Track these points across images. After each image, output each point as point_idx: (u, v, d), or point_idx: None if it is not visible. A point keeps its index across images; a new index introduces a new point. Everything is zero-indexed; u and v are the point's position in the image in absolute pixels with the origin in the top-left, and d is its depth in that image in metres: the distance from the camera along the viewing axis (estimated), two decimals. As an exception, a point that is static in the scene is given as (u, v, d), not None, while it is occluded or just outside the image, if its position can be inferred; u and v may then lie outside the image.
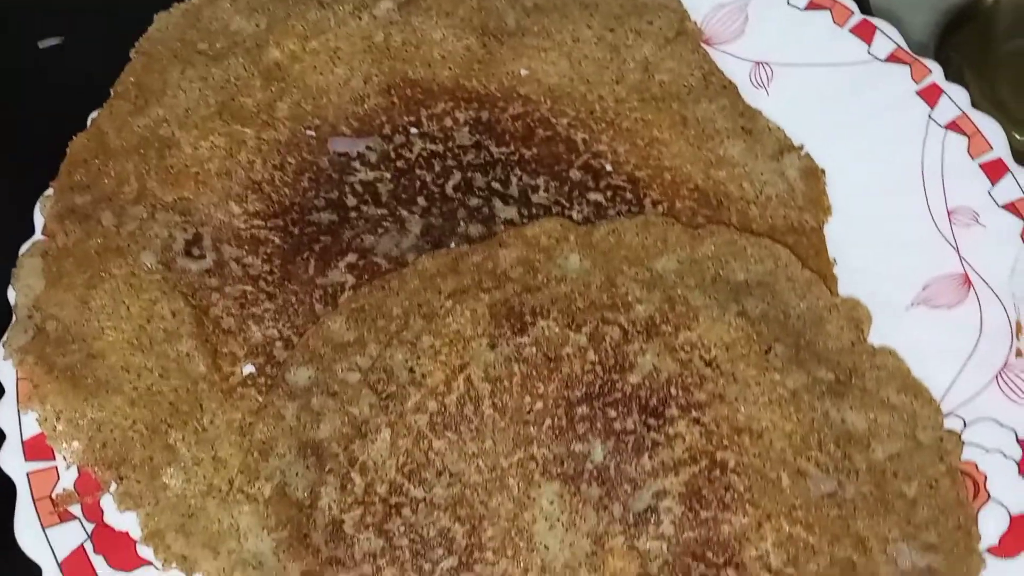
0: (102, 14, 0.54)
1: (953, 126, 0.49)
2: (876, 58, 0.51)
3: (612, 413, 0.41)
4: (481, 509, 0.39)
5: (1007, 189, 0.47)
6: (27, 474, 0.37)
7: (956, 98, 0.49)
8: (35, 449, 0.38)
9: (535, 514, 0.39)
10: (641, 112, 0.51)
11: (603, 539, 0.38)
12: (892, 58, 0.51)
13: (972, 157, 0.48)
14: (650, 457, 0.40)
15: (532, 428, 0.41)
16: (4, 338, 0.39)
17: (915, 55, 0.51)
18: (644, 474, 0.40)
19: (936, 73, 0.50)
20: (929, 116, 0.49)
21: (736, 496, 0.39)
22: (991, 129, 0.48)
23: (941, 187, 0.48)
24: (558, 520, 0.39)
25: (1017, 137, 0.53)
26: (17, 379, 0.39)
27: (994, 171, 0.47)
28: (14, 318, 0.40)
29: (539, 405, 0.41)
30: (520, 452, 0.40)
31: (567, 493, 0.39)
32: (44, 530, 0.36)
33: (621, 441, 0.41)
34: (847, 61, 0.51)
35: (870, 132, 0.50)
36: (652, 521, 0.39)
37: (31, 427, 0.38)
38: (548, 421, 0.41)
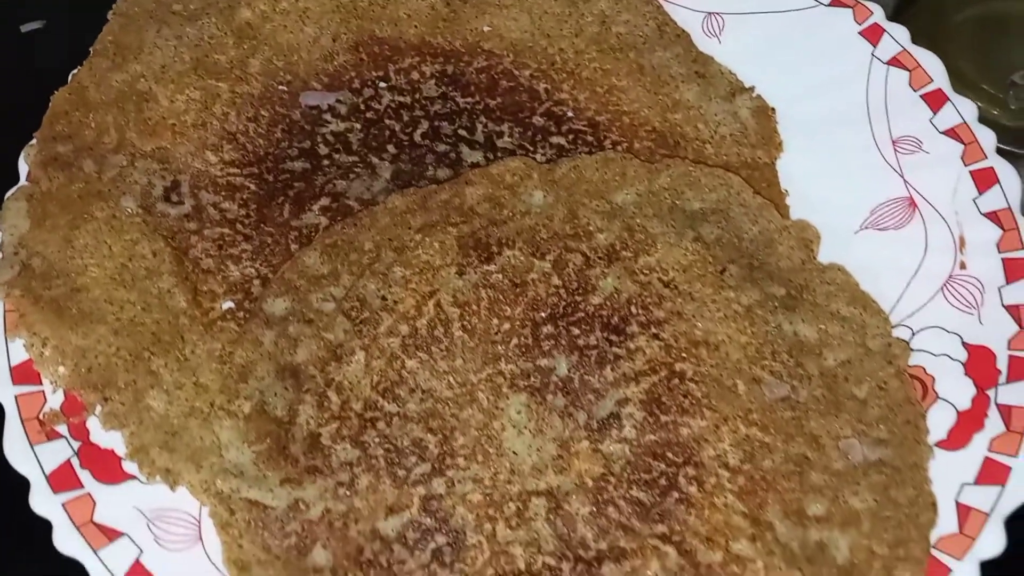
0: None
1: (895, 62, 0.51)
2: (820, 3, 0.54)
3: (576, 331, 0.43)
4: (452, 421, 0.41)
5: (947, 117, 0.49)
6: (15, 396, 0.39)
7: (897, 36, 0.52)
8: (22, 374, 0.39)
9: (503, 423, 0.41)
10: (600, 62, 0.53)
11: (568, 443, 0.40)
12: (836, 2, 0.53)
13: (914, 89, 0.51)
14: (612, 369, 0.42)
15: (500, 347, 0.43)
16: (-8, 274, 0.41)
17: (858, -1, 0.53)
18: (607, 384, 0.42)
19: (877, 14, 0.53)
20: (872, 54, 0.52)
21: (694, 402, 0.41)
22: (930, 62, 0.51)
23: (886, 119, 0.50)
24: (525, 428, 0.41)
25: (979, 105, 0.55)
26: (4, 311, 0.40)
27: (935, 101, 0.50)
28: (1, 256, 0.42)
29: (506, 326, 0.43)
30: (489, 368, 0.42)
31: (534, 403, 0.41)
32: (32, 447, 0.38)
33: (584, 355, 0.43)
34: (794, 7, 0.54)
35: (817, 72, 0.52)
36: (615, 426, 0.41)
37: (18, 354, 0.40)
38: (515, 340, 0.43)
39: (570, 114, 0.52)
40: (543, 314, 0.44)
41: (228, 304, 0.45)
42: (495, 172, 0.48)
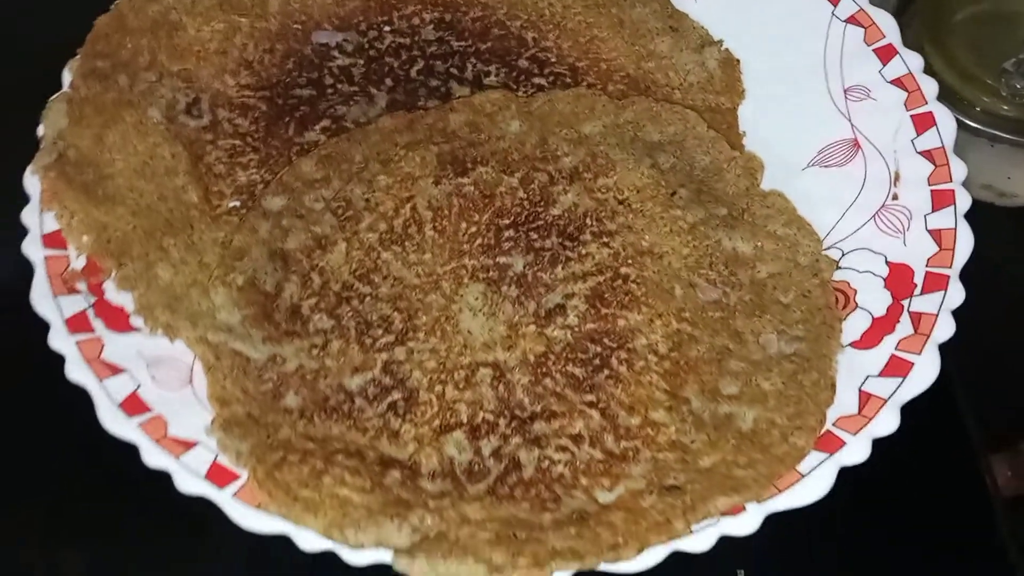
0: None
1: (852, 20, 0.57)
2: (789, -30, 0.59)
3: (534, 236, 0.49)
4: (417, 303, 0.47)
5: (895, 68, 0.55)
6: (44, 257, 0.46)
7: (855, -3, 0.57)
8: (52, 240, 0.47)
9: (461, 306, 0.47)
10: (584, 16, 0.60)
11: (517, 327, 0.46)
12: (803, -31, 0.59)
13: (867, 44, 0.56)
14: (563, 268, 0.48)
15: (465, 245, 0.49)
16: (33, 159, 0.49)
17: (823, -34, 0.59)
18: (556, 280, 0.48)
19: (839, -22, 0.58)
20: (832, 13, 0.57)
21: (633, 299, 0.47)
22: (884, 21, 0.56)
23: (840, 70, 0.56)
24: (480, 311, 0.47)
25: (984, 99, 0.60)
26: (41, 190, 0.48)
27: (885, 54, 0.55)
28: (42, 145, 0.49)
29: (472, 229, 0.50)
30: (453, 262, 0.48)
31: (490, 292, 0.47)
32: (54, 297, 0.45)
33: (540, 256, 0.49)
34: (766, -28, 0.59)
35: (782, 28, 0.58)
36: (559, 314, 0.47)
37: (50, 225, 0.47)
38: (479, 240, 0.49)
39: (553, 59, 0.58)
40: (506, 221, 0.50)
41: (234, 203, 0.52)
42: (477, 102, 0.54)
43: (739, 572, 0.47)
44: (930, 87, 0.54)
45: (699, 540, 0.39)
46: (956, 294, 0.46)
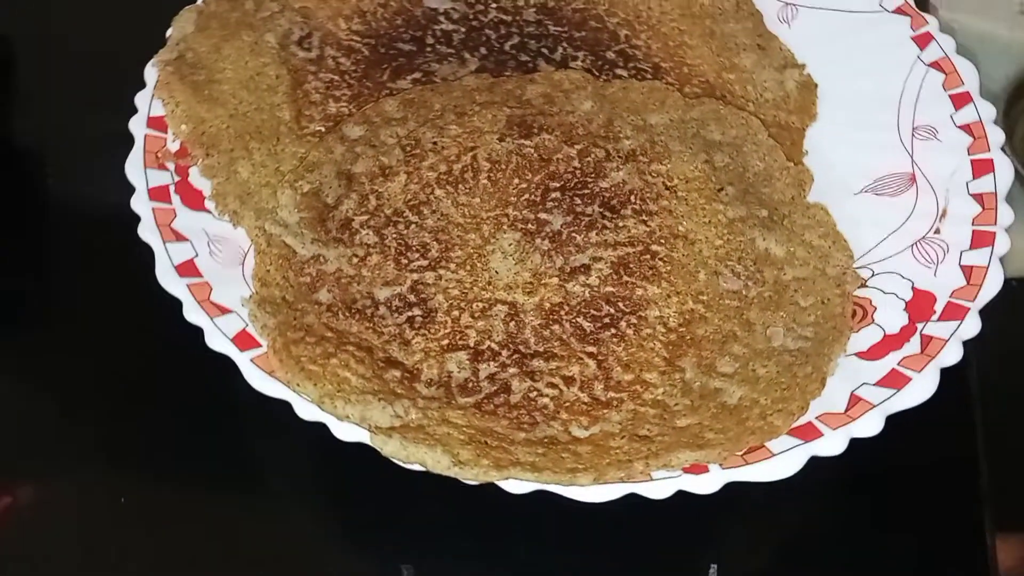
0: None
1: (935, 65, 0.58)
2: (885, 9, 0.61)
3: (578, 201, 0.53)
4: (456, 239, 0.51)
5: (966, 114, 0.56)
6: (145, 135, 0.52)
7: (944, 45, 0.59)
8: (155, 123, 0.53)
9: (495, 249, 0.51)
10: (679, 23, 0.63)
11: (541, 276, 0.50)
12: (898, 10, 0.61)
13: (945, 89, 0.57)
14: (597, 234, 0.51)
15: (512, 198, 0.53)
16: (156, 53, 0.56)
17: (918, 10, 0.60)
18: (588, 243, 0.51)
19: (931, 25, 0.60)
20: (917, 56, 0.59)
21: (656, 274, 0.50)
22: (967, 70, 0.57)
23: (913, 109, 0.57)
24: (511, 256, 0.50)
25: None
26: (156, 80, 0.54)
27: (960, 100, 0.56)
28: (167, 43, 0.56)
29: (523, 185, 0.53)
30: (497, 210, 0.52)
31: (524, 241, 0.51)
32: (145, 169, 0.51)
33: (578, 219, 0.52)
34: (861, 9, 0.62)
35: (867, 64, 0.60)
36: (583, 273, 0.50)
37: (157, 110, 0.54)
38: (526, 196, 0.53)
39: (639, 56, 0.62)
40: (556, 184, 0.53)
41: (320, 128, 0.57)
42: (556, 77, 0.58)
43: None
44: (996, 136, 0.54)
45: (658, 488, 0.41)
46: (971, 326, 0.47)
